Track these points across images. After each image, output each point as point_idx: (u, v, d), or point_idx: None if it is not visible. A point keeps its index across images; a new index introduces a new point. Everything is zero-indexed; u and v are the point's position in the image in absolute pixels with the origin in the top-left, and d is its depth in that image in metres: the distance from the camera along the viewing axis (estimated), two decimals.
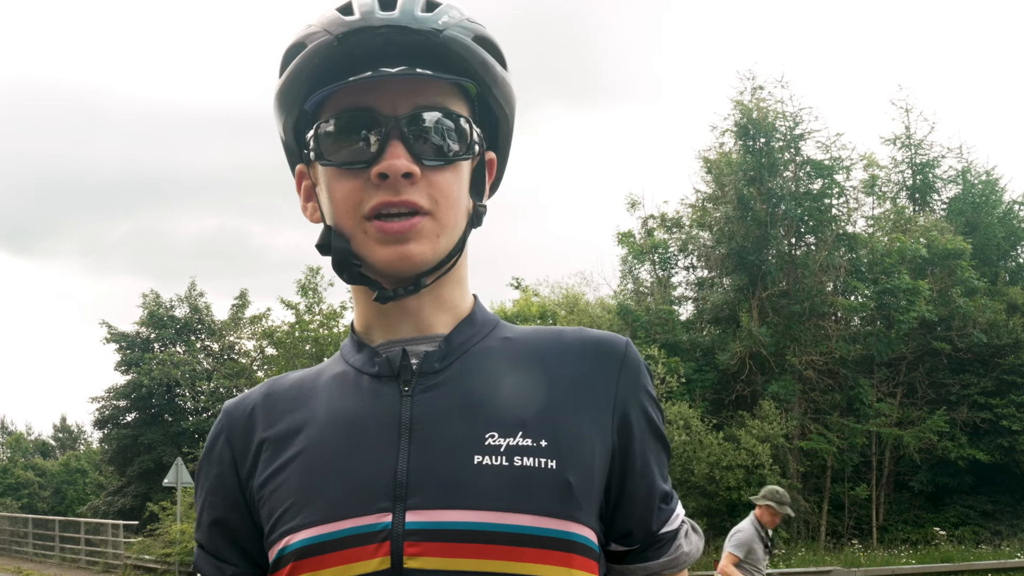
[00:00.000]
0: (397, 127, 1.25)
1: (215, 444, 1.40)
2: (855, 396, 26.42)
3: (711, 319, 28.33)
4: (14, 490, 54.82)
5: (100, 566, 30.94)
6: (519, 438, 1.23)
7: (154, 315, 40.79)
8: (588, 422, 1.28)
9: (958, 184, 31.29)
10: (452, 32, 1.26)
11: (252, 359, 38.77)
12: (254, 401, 1.39)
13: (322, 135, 1.28)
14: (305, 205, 1.40)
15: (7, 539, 40.16)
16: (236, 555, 1.37)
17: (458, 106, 1.30)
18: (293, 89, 1.30)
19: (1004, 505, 26.72)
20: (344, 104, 1.27)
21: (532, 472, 1.21)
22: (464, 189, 1.32)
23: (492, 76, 1.31)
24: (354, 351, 1.36)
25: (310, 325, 30.40)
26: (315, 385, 1.37)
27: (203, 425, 38.33)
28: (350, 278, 1.32)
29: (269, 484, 1.30)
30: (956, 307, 26.65)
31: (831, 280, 26.83)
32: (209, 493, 1.39)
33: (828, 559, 21.80)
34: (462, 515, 1.18)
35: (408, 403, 1.26)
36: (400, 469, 1.22)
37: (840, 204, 27.36)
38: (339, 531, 1.21)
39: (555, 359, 1.32)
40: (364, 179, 1.25)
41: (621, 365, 1.33)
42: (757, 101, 26.98)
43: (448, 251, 1.30)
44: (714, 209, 27.90)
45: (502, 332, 1.37)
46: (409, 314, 1.33)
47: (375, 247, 1.26)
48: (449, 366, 1.29)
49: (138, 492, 37.74)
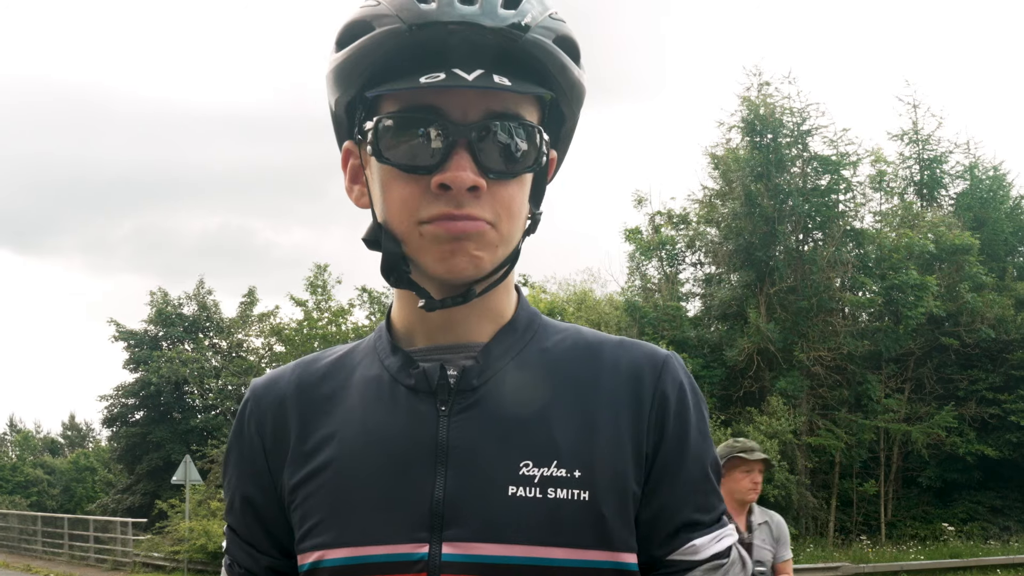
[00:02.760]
0: (465, 136, 1.17)
1: (244, 428, 1.36)
2: (863, 392, 26.37)
3: (719, 315, 28.28)
4: (23, 488, 55.00)
5: (109, 564, 30.99)
6: (553, 468, 1.20)
7: (162, 313, 40.89)
8: (625, 446, 1.25)
9: (966, 179, 31.20)
10: (533, 35, 1.18)
11: (260, 356, 38.86)
12: (284, 389, 1.35)
13: (382, 130, 1.19)
14: (351, 186, 1.33)
15: (16, 537, 40.25)
16: (269, 543, 1.35)
17: (530, 113, 1.23)
18: (355, 70, 1.21)
19: (1013, 501, 26.67)
20: (409, 100, 1.19)
21: (565, 504, 1.19)
22: (526, 199, 1.26)
23: (569, 81, 1.24)
24: (390, 352, 1.31)
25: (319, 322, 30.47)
26: (349, 383, 1.32)
27: (212, 423, 38.41)
28: (398, 282, 1.26)
29: (301, 489, 1.28)
30: (964, 303, 26.59)
31: (839, 276, 26.78)
32: (240, 477, 1.36)
33: (837, 555, 21.78)
34: (498, 549, 1.18)
35: (445, 424, 1.23)
36: (437, 498, 1.20)
37: (847, 200, 27.29)
38: (376, 556, 1.20)
39: (591, 379, 1.28)
40: (424, 186, 1.18)
41: (658, 382, 1.28)
42: (764, 97, 26.93)
43: (502, 260, 1.24)
44: (721, 205, 27.85)
45: (541, 341, 1.32)
46: (454, 322, 1.28)
47: (430, 249, 1.19)
48: (486, 383, 1.25)
49: (147, 490, 37.85)
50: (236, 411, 1.41)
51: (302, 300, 31.02)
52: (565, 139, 1.35)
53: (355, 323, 31.18)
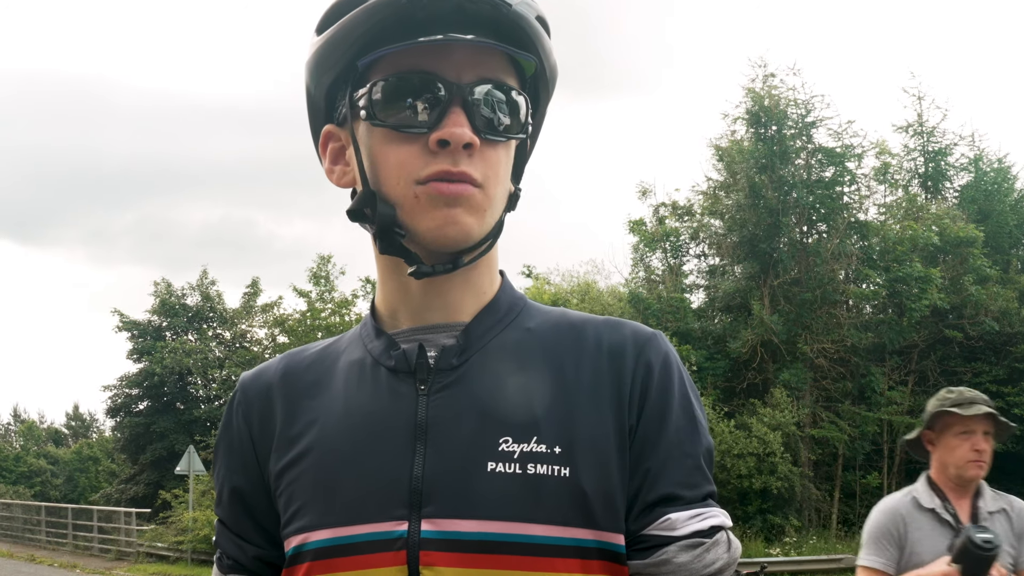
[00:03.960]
0: (461, 95, 1.20)
1: (232, 419, 1.38)
2: (867, 384, 26.37)
3: (722, 307, 28.28)
4: (27, 478, 55.14)
5: (113, 554, 31.09)
6: (533, 444, 1.20)
7: (166, 303, 40.92)
8: (608, 423, 1.23)
9: (970, 172, 31.13)
10: (519, 8, 1.21)
11: (264, 347, 38.86)
12: (271, 379, 1.37)
13: (377, 94, 1.21)
14: (332, 168, 1.35)
15: (20, 527, 40.37)
16: (257, 534, 1.36)
17: (514, 83, 1.26)
18: (345, 42, 1.23)
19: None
20: (405, 65, 1.21)
21: (545, 480, 1.19)
22: (509, 168, 1.29)
23: (548, 59, 1.29)
24: (373, 335, 1.33)
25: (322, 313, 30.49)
26: (333, 369, 1.34)
27: (215, 413, 38.46)
28: (389, 247, 1.26)
29: (286, 475, 1.29)
30: (968, 295, 26.55)
31: (843, 268, 26.77)
32: (228, 468, 1.38)
33: (840, 547, 21.82)
34: (477, 525, 1.17)
35: (424, 403, 1.24)
36: (415, 475, 1.20)
37: (852, 192, 27.29)
38: (356, 535, 1.20)
39: (574, 356, 1.28)
40: (421, 145, 1.20)
41: (638, 359, 1.27)
42: (769, 89, 26.91)
43: (489, 230, 1.26)
44: (726, 197, 27.84)
45: (525, 321, 1.32)
46: (439, 296, 1.29)
47: (426, 211, 1.20)
48: (466, 362, 1.26)
49: (150, 480, 37.91)
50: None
51: (305, 291, 31.05)
52: (537, 125, 1.36)
53: (358, 314, 31.18)
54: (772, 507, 23.16)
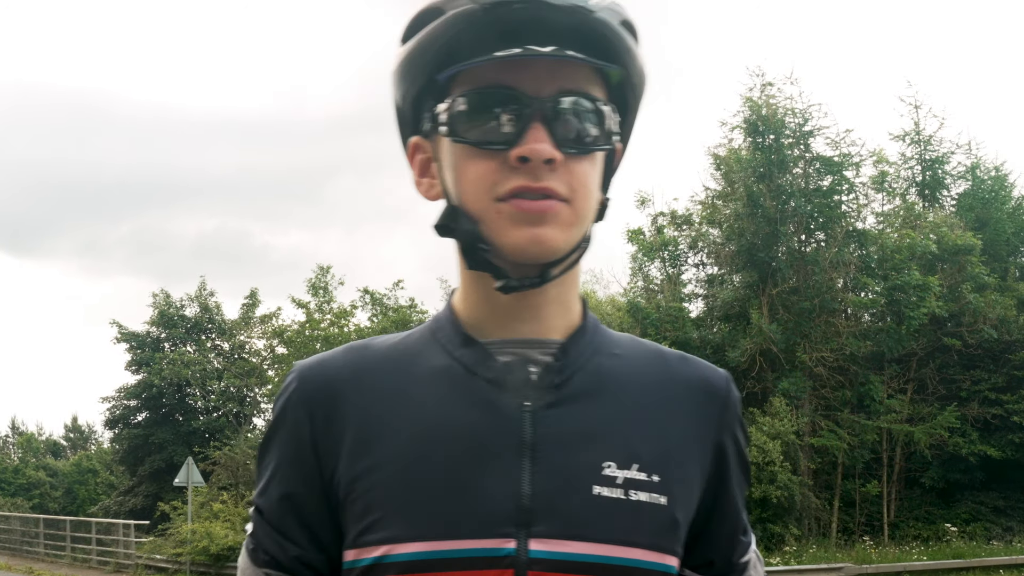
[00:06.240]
0: (540, 109, 1.17)
1: (289, 412, 1.30)
2: (866, 392, 26.35)
3: (721, 316, 28.27)
4: (25, 490, 55.04)
5: (111, 566, 31.02)
6: (634, 471, 1.22)
7: (164, 315, 40.90)
8: (692, 457, 1.28)
9: (967, 180, 31.16)
10: (602, 14, 1.19)
11: (263, 358, 38.86)
12: (337, 373, 1.30)
13: (456, 110, 1.20)
14: (419, 180, 1.32)
15: (19, 539, 40.28)
16: (302, 534, 1.29)
17: (599, 92, 1.23)
18: (425, 57, 1.22)
19: (1015, 501, 26.65)
20: (483, 80, 1.19)
21: (646, 507, 1.21)
22: (598, 180, 1.26)
23: (636, 66, 1.26)
24: (459, 343, 1.28)
25: (321, 324, 30.47)
26: (411, 371, 1.28)
27: (214, 424, 38.43)
28: (474, 263, 1.24)
29: (364, 480, 1.23)
30: (966, 303, 26.56)
31: (841, 276, 26.76)
32: (282, 463, 1.30)
33: (840, 556, 21.77)
34: (584, 547, 1.18)
35: (529, 419, 1.22)
36: (524, 493, 1.19)
37: (850, 200, 27.27)
38: (455, 551, 1.17)
39: (663, 388, 1.31)
40: (500, 161, 1.18)
41: (724, 403, 1.35)
42: (767, 98, 26.91)
43: (577, 242, 1.23)
44: (724, 206, 27.82)
45: (610, 347, 1.32)
46: (529, 311, 1.27)
47: (507, 228, 1.18)
48: (567, 381, 1.25)
49: (149, 492, 37.84)
50: (276, 400, 1.35)
51: (304, 302, 31.04)
52: (627, 135, 1.34)
53: (357, 324, 31.19)
54: (772, 516, 23.12)
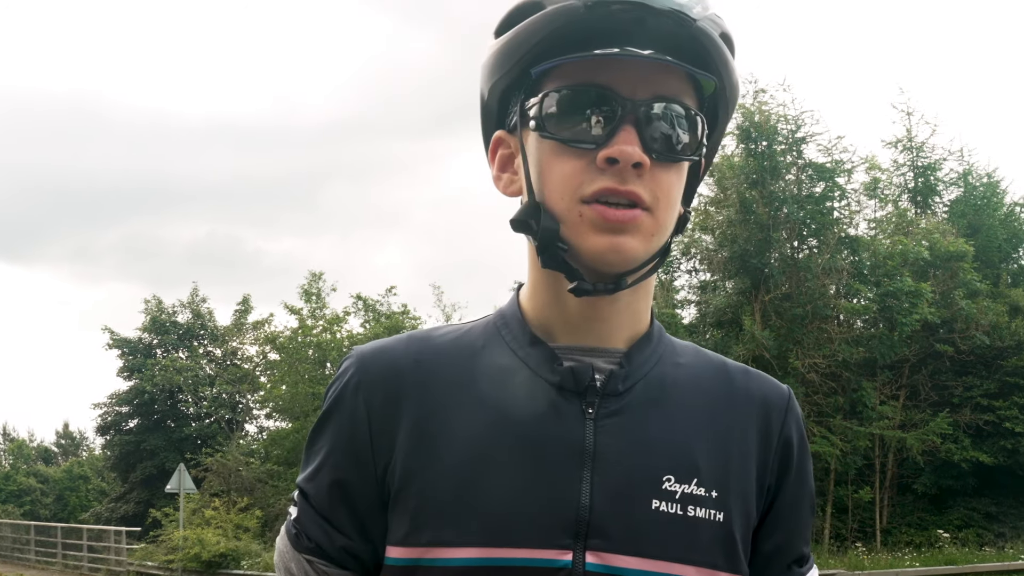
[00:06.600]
0: (634, 112, 1.15)
1: (346, 397, 1.27)
2: (858, 399, 26.36)
3: (714, 322, 28.30)
4: (16, 497, 54.81)
5: (103, 573, 30.93)
6: (693, 486, 1.20)
7: (156, 321, 40.85)
8: (751, 474, 1.26)
9: (959, 187, 31.24)
10: (704, 24, 1.17)
11: (255, 364, 38.79)
12: (399, 361, 1.27)
13: (548, 104, 1.18)
14: (499, 175, 1.31)
15: (9, 546, 40.13)
16: (351, 524, 1.26)
17: (691, 102, 1.21)
18: (521, 50, 1.19)
19: (1008, 507, 26.67)
20: (577, 78, 1.17)
21: (703, 524, 1.20)
22: (681, 190, 1.24)
23: (731, 79, 1.24)
24: (526, 343, 1.26)
25: (313, 330, 30.43)
26: (474, 367, 1.26)
27: (206, 431, 38.35)
28: (551, 262, 1.21)
29: (419, 476, 1.20)
30: (958, 309, 26.59)
31: (833, 283, 26.79)
32: (335, 450, 1.27)
33: (832, 562, 21.75)
34: (639, 562, 1.16)
35: (591, 428, 1.20)
36: (583, 504, 1.16)
37: (842, 207, 27.32)
38: (510, 559, 1.15)
39: (725, 401, 1.29)
40: (588, 161, 1.16)
41: (784, 418, 1.32)
42: (759, 104, 26.97)
43: (655, 252, 1.22)
44: (716, 212, 27.86)
45: (674, 356, 1.31)
46: (598, 318, 1.24)
47: (588, 233, 1.16)
48: (630, 390, 1.23)
49: (141, 498, 37.78)
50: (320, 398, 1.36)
51: (296, 308, 30.99)
52: (713, 149, 1.32)
53: (350, 331, 31.15)
54: None
